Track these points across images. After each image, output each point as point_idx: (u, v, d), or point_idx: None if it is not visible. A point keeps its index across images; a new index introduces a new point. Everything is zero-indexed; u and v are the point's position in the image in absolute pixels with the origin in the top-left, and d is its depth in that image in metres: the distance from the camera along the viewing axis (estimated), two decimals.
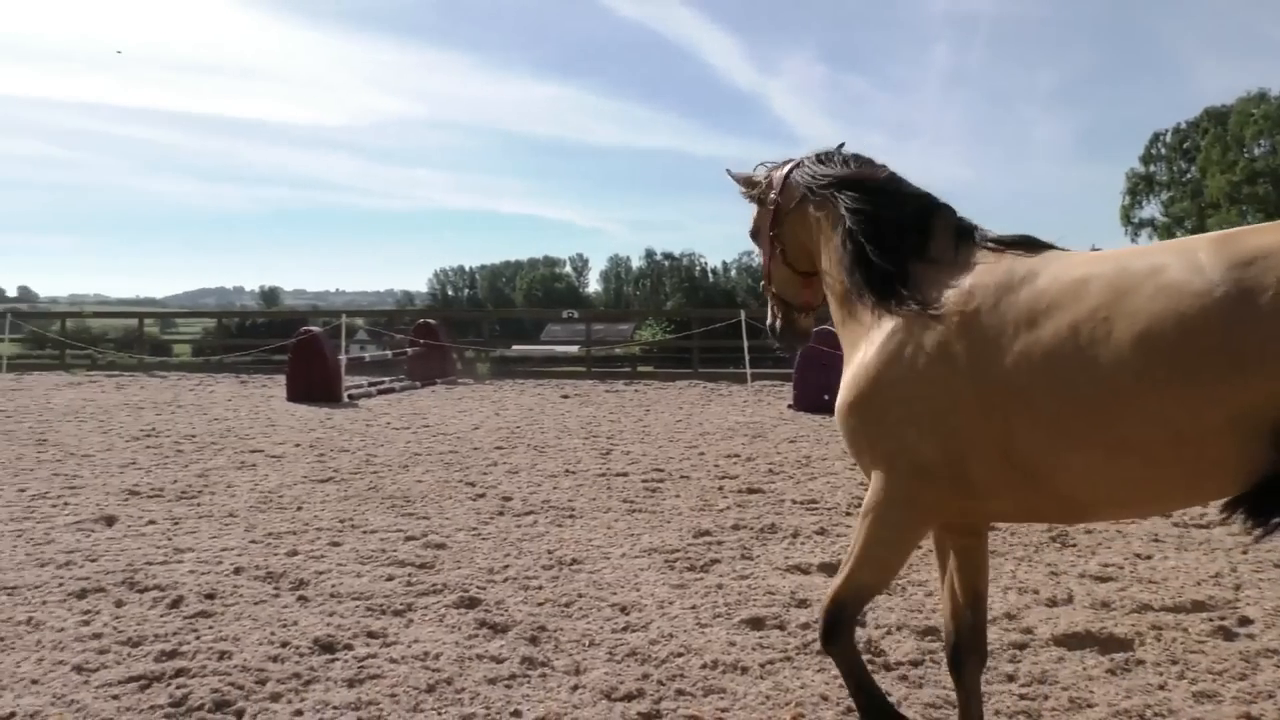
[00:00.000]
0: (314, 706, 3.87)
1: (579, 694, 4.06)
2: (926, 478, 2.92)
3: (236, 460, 10.11)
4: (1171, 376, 2.46)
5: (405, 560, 6.07)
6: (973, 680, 3.39)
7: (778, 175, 3.78)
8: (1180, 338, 2.44)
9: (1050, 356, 2.65)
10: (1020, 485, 2.80)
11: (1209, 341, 2.40)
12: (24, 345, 29.21)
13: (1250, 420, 2.39)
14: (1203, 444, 2.48)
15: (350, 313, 23.78)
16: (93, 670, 4.21)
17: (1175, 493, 2.75)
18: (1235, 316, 2.38)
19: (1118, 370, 2.53)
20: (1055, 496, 2.79)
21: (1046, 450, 2.69)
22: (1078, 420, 2.61)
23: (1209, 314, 2.41)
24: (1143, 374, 2.49)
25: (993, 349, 2.77)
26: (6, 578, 5.57)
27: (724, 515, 7.47)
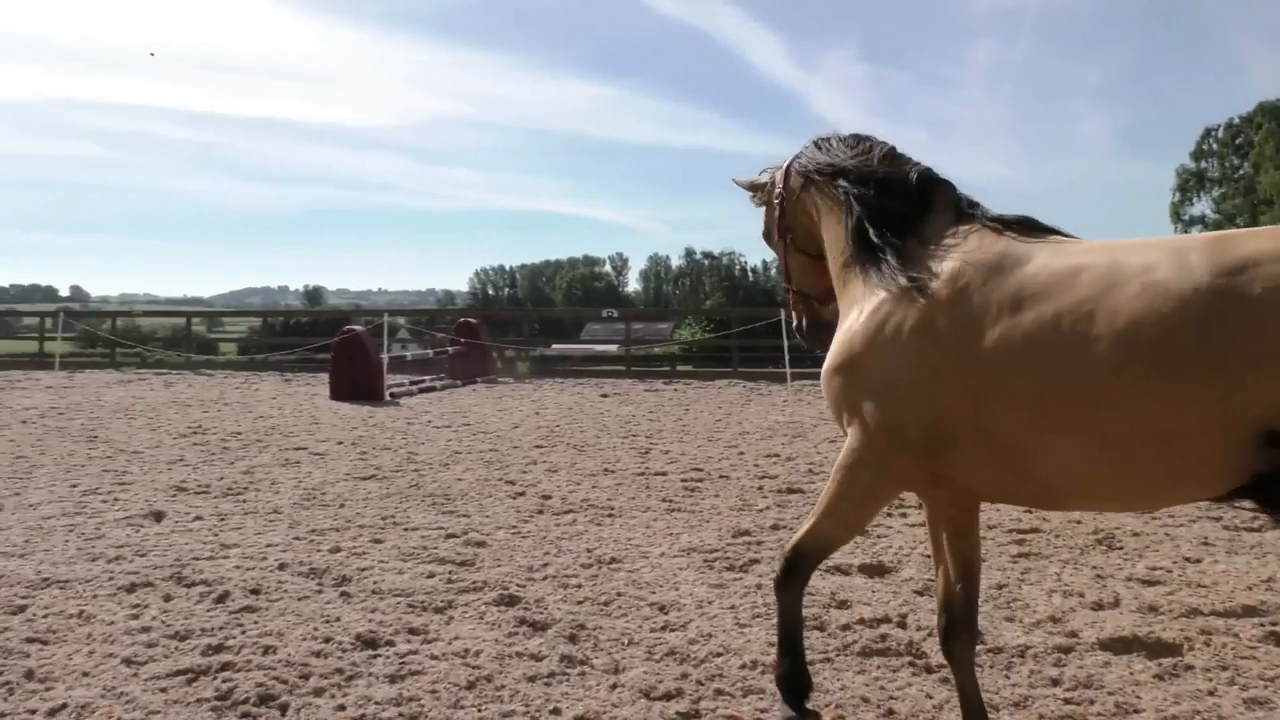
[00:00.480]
0: (356, 701, 3.92)
1: (618, 692, 4.07)
2: (899, 445, 3.01)
3: (281, 457, 10.25)
4: (1150, 375, 2.48)
5: (446, 557, 6.11)
6: (965, 656, 3.45)
7: (779, 173, 3.87)
8: (1161, 338, 2.47)
9: (1031, 341, 2.70)
10: (995, 464, 2.85)
11: (1189, 344, 2.43)
12: (76, 344, 29.85)
13: (1231, 426, 2.41)
14: (1181, 444, 2.50)
15: (392, 312, 24.02)
16: (141, 663, 4.29)
17: (1153, 490, 2.76)
18: (1218, 322, 2.40)
19: (1097, 363, 2.56)
20: (1029, 479, 2.82)
21: (1022, 433, 2.73)
22: (1054, 408, 2.65)
23: (1192, 317, 2.43)
24: (1122, 370, 2.53)
25: (976, 327, 2.83)
26: (59, 571, 5.69)
27: (763, 515, 7.44)
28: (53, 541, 6.47)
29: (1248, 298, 2.38)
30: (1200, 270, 2.47)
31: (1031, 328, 2.71)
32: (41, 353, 25.57)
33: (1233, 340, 2.39)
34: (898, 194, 3.33)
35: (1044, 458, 2.73)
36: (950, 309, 2.92)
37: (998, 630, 4.77)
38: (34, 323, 28.76)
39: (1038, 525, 6.88)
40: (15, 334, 36.01)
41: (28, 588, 5.38)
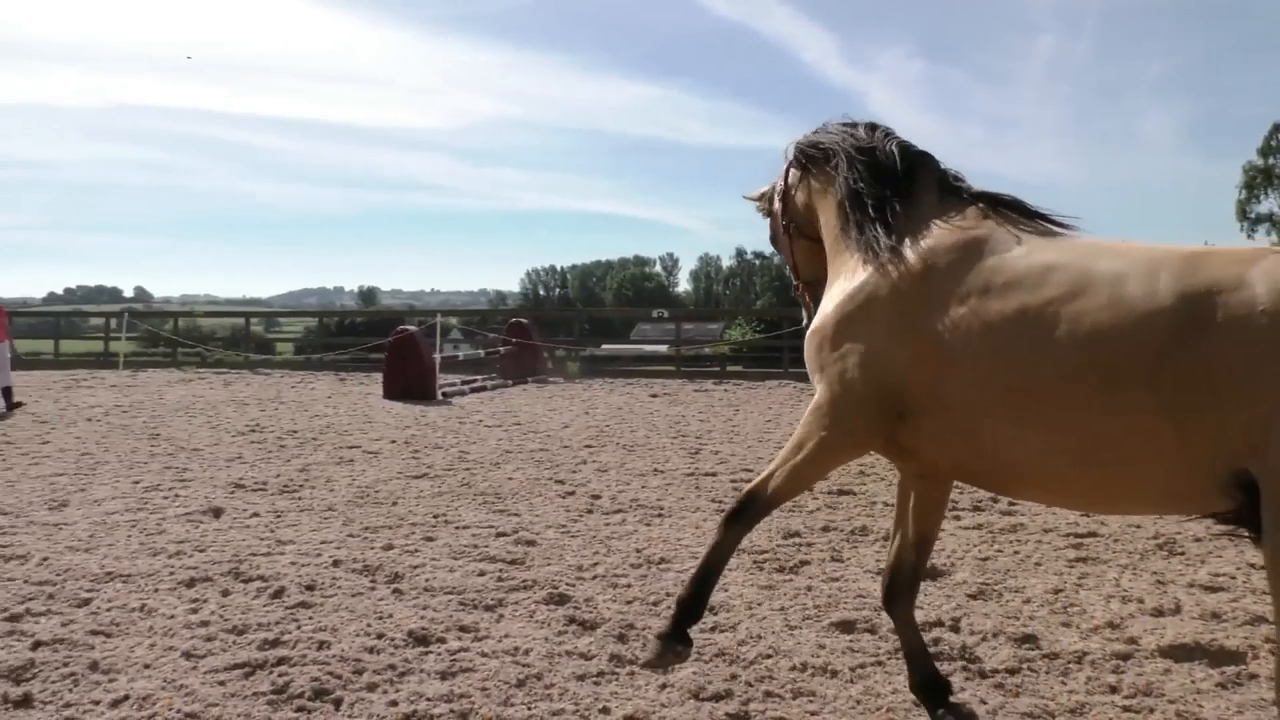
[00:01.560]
0: (408, 697, 3.96)
1: (667, 693, 4.06)
2: (861, 410, 3.10)
3: (335, 456, 10.40)
4: (1105, 386, 2.50)
5: (496, 556, 6.16)
6: (907, 614, 3.65)
7: (779, 179, 4.03)
8: (1119, 352, 2.48)
9: (994, 330, 2.75)
10: (953, 441, 2.92)
11: (1147, 364, 2.43)
12: (140, 344, 30.61)
13: (1189, 455, 2.40)
14: (1134, 459, 2.50)
15: (445, 312, 24.34)
16: (200, 656, 4.38)
17: (1106, 497, 2.81)
18: (1175, 346, 2.39)
19: (1056, 365, 2.59)
20: (984, 460, 2.88)
21: (977, 415, 2.79)
22: (1011, 398, 2.70)
23: (1151, 337, 2.43)
24: (1078, 376, 2.55)
25: (945, 306, 2.90)
26: (121, 566, 5.84)
27: (814, 517, 7.39)
28: (116, 536, 6.64)
29: (1206, 327, 2.36)
30: (1166, 289, 2.46)
31: (996, 317, 2.77)
32: (106, 352, 26.25)
33: (1190, 367, 2.37)
34: (885, 169, 3.40)
35: (997, 443, 2.78)
36: (923, 285, 3.00)
37: (1054, 635, 4.68)
38: (100, 323, 29.55)
39: (1095, 529, 6.74)
40: (82, 334, 37.02)
41: (92, 581, 5.52)
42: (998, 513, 7.39)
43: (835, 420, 3.17)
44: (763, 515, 3.47)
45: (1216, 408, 2.34)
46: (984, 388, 2.75)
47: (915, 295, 2.99)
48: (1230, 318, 2.33)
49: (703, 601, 3.57)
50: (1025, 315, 2.70)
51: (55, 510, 7.51)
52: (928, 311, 2.94)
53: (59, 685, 4.05)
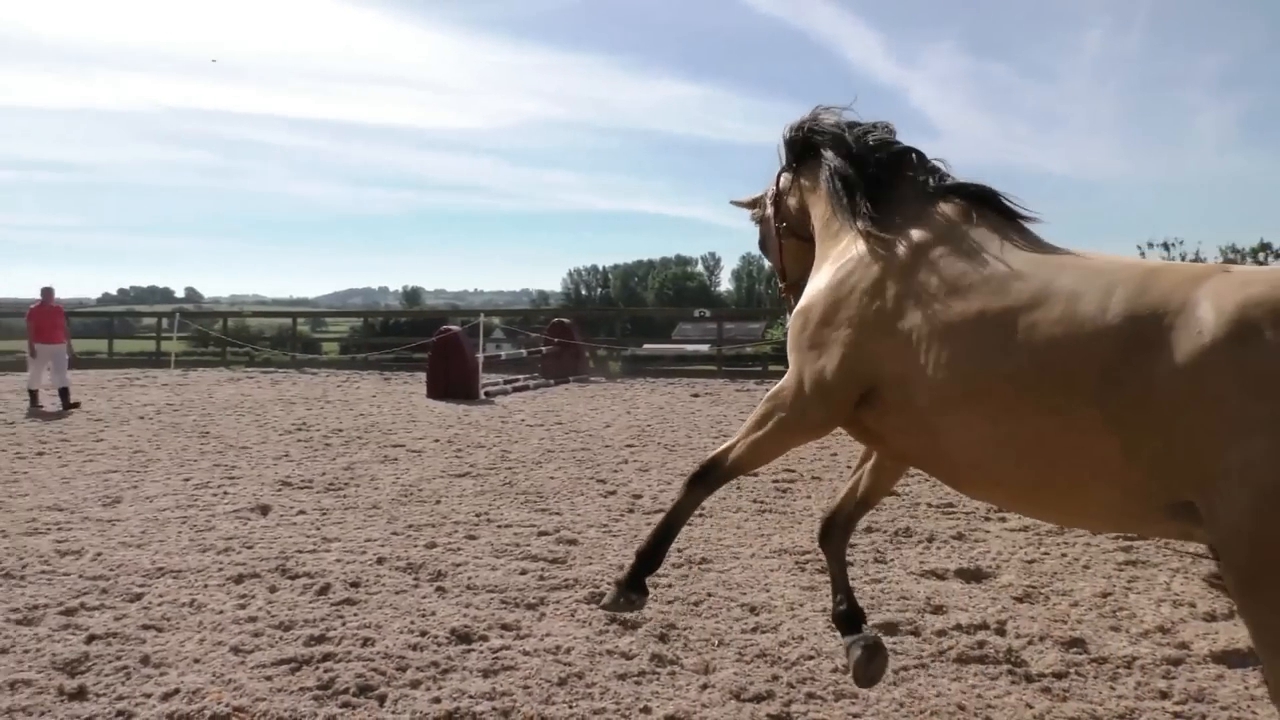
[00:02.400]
0: (451, 694, 4.00)
1: (708, 693, 4.06)
2: (823, 400, 3.17)
3: (380, 454, 10.52)
4: (1052, 398, 2.53)
5: (538, 555, 6.19)
6: (838, 549, 3.84)
7: (771, 185, 4.12)
8: (1068, 365, 2.51)
9: (954, 331, 2.81)
10: (913, 433, 2.98)
11: (1093, 379, 2.45)
12: (190, 343, 31.13)
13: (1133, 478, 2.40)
14: (1077, 473, 2.52)
15: (488, 312, 24.45)
16: (248, 651, 4.45)
17: (1053, 506, 2.82)
18: (1121, 363, 2.40)
19: (1006, 372, 2.64)
20: (939, 455, 2.94)
21: (933, 411, 2.84)
22: (965, 399, 2.75)
23: (1098, 353, 2.45)
24: (1026, 385, 2.59)
25: (917, 304, 2.95)
26: (172, 562, 5.95)
27: None
28: (167, 533, 6.77)
29: (1152, 345, 2.35)
30: (1117, 307, 2.47)
31: (958, 319, 2.82)
32: (158, 352, 26.76)
33: (1135, 386, 2.37)
34: (871, 161, 3.47)
35: (952, 441, 2.83)
36: (902, 282, 3.05)
37: (1102, 640, 4.61)
38: (152, 323, 30.08)
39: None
40: (135, 334, 37.75)
41: (144, 576, 5.64)
42: None
43: (796, 405, 3.25)
44: (723, 481, 3.57)
45: (1162, 431, 2.32)
46: (942, 387, 2.81)
47: (893, 292, 3.05)
48: (1173, 340, 2.31)
49: (660, 554, 3.69)
50: (984, 321, 2.75)
51: (109, 506, 7.68)
52: (902, 308, 3.00)
53: (112, 678, 4.14)
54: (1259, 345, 2.15)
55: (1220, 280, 2.36)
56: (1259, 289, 2.24)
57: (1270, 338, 2.14)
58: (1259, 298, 2.22)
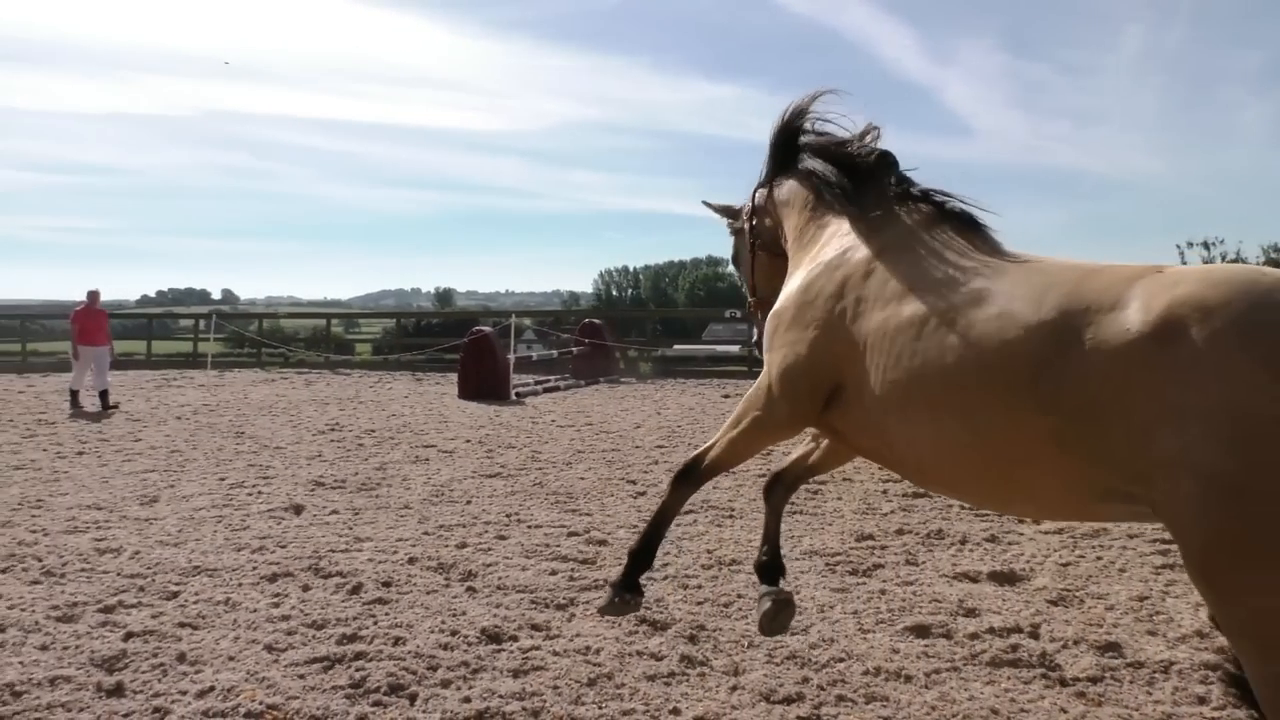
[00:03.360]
0: (481, 694, 4.02)
1: (737, 695, 4.05)
2: (793, 398, 3.29)
3: (411, 455, 10.59)
4: (986, 394, 2.62)
5: (568, 555, 6.21)
6: (778, 503, 4.06)
7: (748, 201, 4.28)
8: (1001, 363, 2.59)
9: (901, 330, 2.92)
10: (869, 432, 3.07)
11: (1027, 371, 2.53)
12: (226, 344, 31.53)
13: (1066, 467, 2.48)
14: (1016, 466, 2.60)
15: (519, 313, 24.54)
16: (281, 650, 4.50)
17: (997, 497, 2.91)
18: (1056, 356, 2.48)
19: (946, 369, 2.74)
20: (892, 450, 3.02)
21: (884, 409, 2.95)
22: (907, 395, 2.85)
23: (1032, 346, 2.53)
24: (964, 385, 2.68)
25: (874, 307, 3.07)
26: (208, 560, 6.03)
27: (888, 519, 7.28)
28: (203, 532, 6.86)
29: (1084, 340, 2.43)
30: (1051, 304, 2.56)
31: (904, 320, 2.93)
32: (195, 353, 27.11)
33: (1068, 377, 2.44)
34: (846, 165, 3.63)
35: (901, 437, 2.93)
36: (863, 285, 3.16)
37: (1138, 644, 4.55)
38: (189, 324, 30.45)
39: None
40: (172, 335, 38.26)
41: (180, 575, 5.72)
42: None
43: (767, 404, 3.40)
44: (705, 480, 3.69)
45: (1096, 423, 2.38)
46: (889, 387, 2.92)
47: (853, 295, 3.17)
48: (1104, 337, 2.39)
49: (651, 553, 3.83)
50: (926, 322, 2.86)
51: (146, 505, 7.79)
52: (859, 311, 3.12)
53: (149, 675, 4.20)
54: (1185, 341, 2.23)
55: (1151, 280, 2.43)
56: (1186, 288, 2.32)
57: (1195, 334, 2.21)
58: (1184, 296, 2.29)
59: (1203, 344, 2.19)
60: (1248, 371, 2.12)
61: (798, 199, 3.86)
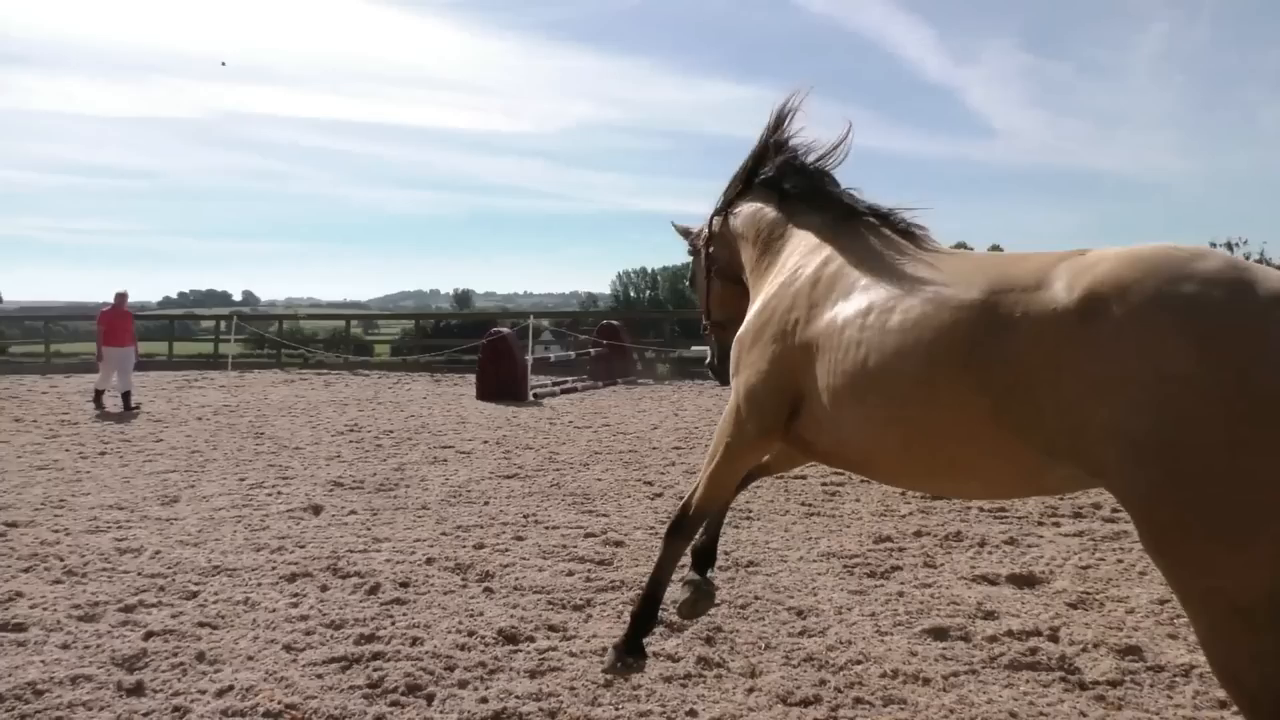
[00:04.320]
0: (498, 695, 4.02)
1: (754, 697, 4.04)
2: (758, 414, 3.40)
3: (429, 455, 10.62)
4: (921, 376, 2.72)
5: (585, 556, 6.21)
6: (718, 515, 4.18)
7: (705, 226, 4.43)
8: (934, 344, 2.71)
9: (844, 327, 3.04)
10: (828, 433, 3.14)
11: (956, 355, 2.64)
12: (246, 345, 31.73)
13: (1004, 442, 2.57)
14: (961, 447, 2.69)
15: (537, 314, 24.57)
16: (300, 650, 4.53)
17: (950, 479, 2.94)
18: (986, 336, 2.59)
19: (884, 356, 2.84)
20: (846, 447, 3.10)
21: (833, 407, 3.04)
22: (852, 387, 2.95)
23: (964, 328, 2.64)
24: (901, 373, 2.78)
25: (821, 311, 3.20)
26: (228, 560, 6.07)
27: (906, 521, 7.25)
28: (223, 532, 6.90)
29: (1012, 319, 2.54)
30: (980, 288, 2.68)
31: (850, 315, 3.05)
32: (216, 354, 27.32)
33: (1000, 356, 2.54)
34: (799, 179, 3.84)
35: (849, 433, 3.02)
36: (811, 294, 3.30)
37: (1159, 647, 4.50)
38: (210, 326, 30.69)
39: None
40: (194, 336, 38.57)
41: (200, 574, 5.76)
42: (1100, 520, 7.14)
43: (738, 425, 3.49)
44: (698, 525, 3.73)
45: (1028, 400, 2.48)
46: (836, 386, 3.02)
47: (804, 305, 3.30)
48: (1031, 317, 2.50)
49: (654, 615, 3.85)
50: (869, 313, 2.98)
51: (167, 506, 7.85)
52: (809, 319, 3.24)
53: (169, 674, 4.23)
54: (1106, 315, 2.33)
55: (1074, 261, 2.54)
56: (1106, 266, 2.42)
57: (1116, 308, 2.32)
58: (1105, 274, 2.40)
59: (1123, 317, 2.30)
60: (1165, 339, 2.22)
61: (751, 230, 4.02)
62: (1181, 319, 2.22)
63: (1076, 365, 2.37)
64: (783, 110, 3.96)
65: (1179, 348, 2.19)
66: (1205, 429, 2.14)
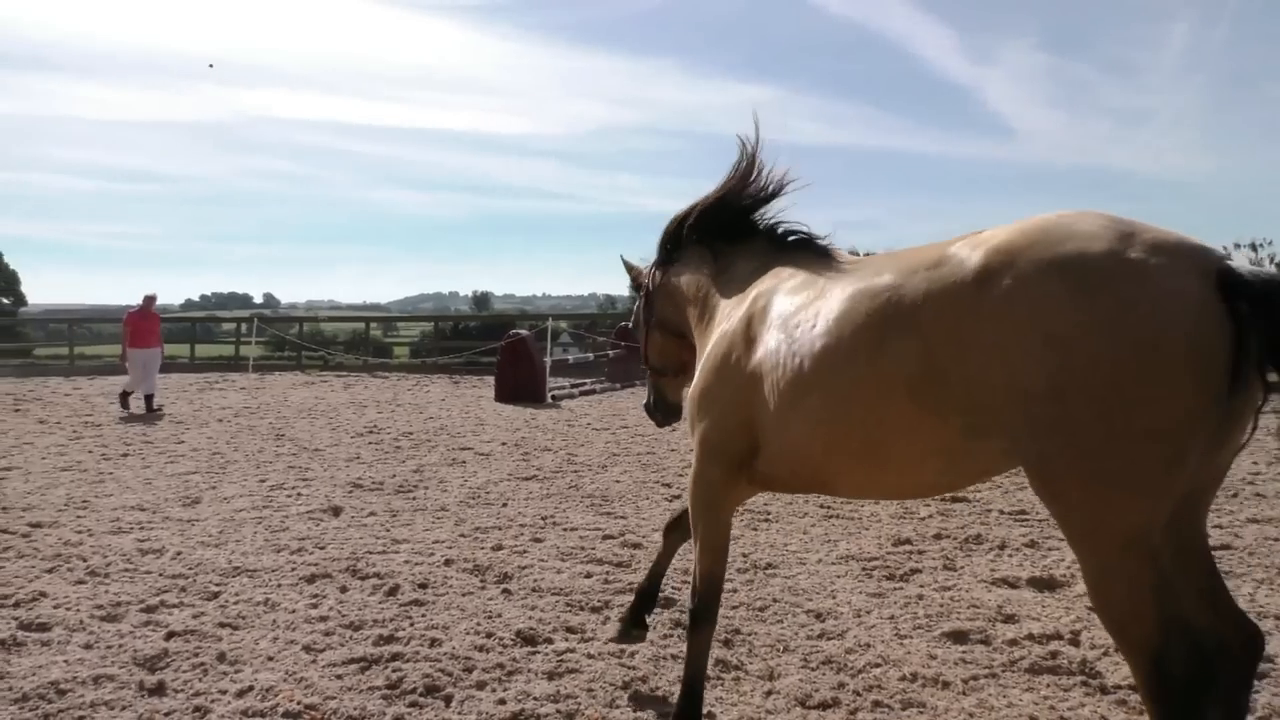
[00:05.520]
0: (516, 696, 4.03)
1: (772, 699, 4.03)
2: (717, 455, 3.45)
3: (448, 457, 10.66)
4: (847, 371, 2.81)
5: (603, 558, 6.21)
6: (675, 542, 4.44)
7: (648, 278, 4.52)
8: (852, 336, 2.82)
9: (779, 346, 3.13)
10: (781, 452, 3.19)
11: (873, 341, 2.75)
12: (267, 347, 31.96)
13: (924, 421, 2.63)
14: (887, 436, 2.75)
15: (555, 316, 24.61)
16: (319, 650, 4.55)
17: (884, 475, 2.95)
18: (892, 325, 2.69)
19: (815, 360, 2.94)
20: (800, 461, 3.13)
21: (782, 423, 3.10)
22: (791, 399, 3.03)
23: (873, 322, 2.76)
24: (831, 367, 2.87)
25: (761, 343, 3.28)
26: (248, 561, 6.11)
27: (925, 524, 7.21)
28: (243, 533, 6.95)
29: (912, 303, 2.65)
30: (889, 277, 2.79)
31: (784, 335, 3.15)
32: (237, 355, 27.54)
33: (905, 341, 2.64)
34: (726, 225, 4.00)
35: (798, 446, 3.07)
36: (745, 330, 3.40)
37: None
38: (231, 328, 30.93)
39: (1229, 542, 6.40)
40: (215, 338, 38.85)
41: (221, 575, 5.80)
42: None
43: (704, 477, 3.54)
44: (713, 601, 3.66)
45: (937, 375, 2.56)
46: (782, 397, 3.08)
47: (741, 342, 3.39)
48: (931, 290, 2.61)
49: (698, 711, 3.67)
50: (798, 326, 3.09)
51: (188, 507, 7.91)
52: (750, 351, 3.33)
53: (190, 675, 4.26)
54: (1000, 281, 2.44)
55: (970, 239, 2.67)
56: (998, 238, 2.55)
57: (1007, 274, 2.43)
58: (997, 245, 2.52)
59: (1013, 281, 2.41)
60: (1050, 296, 2.33)
61: (692, 289, 4.13)
62: (1064, 275, 2.33)
63: (976, 333, 2.47)
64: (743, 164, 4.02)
65: (1063, 302, 2.31)
66: (1090, 375, 2.25)
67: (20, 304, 71.41)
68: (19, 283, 71.64)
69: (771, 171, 3.92)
